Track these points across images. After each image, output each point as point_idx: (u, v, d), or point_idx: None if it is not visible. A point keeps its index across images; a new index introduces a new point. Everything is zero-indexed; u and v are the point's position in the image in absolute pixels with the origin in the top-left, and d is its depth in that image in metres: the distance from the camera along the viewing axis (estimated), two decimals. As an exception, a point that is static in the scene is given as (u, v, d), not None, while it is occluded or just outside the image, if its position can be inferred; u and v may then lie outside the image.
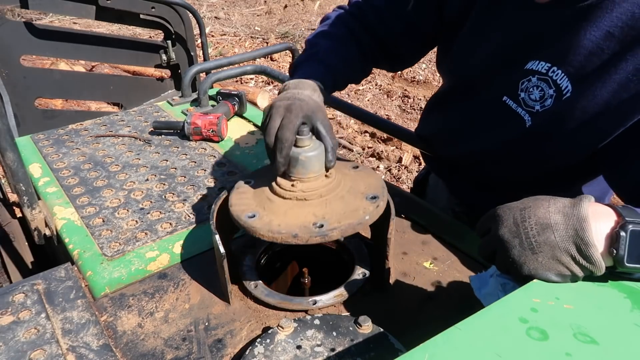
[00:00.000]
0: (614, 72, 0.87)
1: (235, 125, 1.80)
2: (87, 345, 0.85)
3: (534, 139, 1.01)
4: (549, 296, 0.67)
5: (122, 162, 1.52)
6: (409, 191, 1.61)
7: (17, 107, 2.70)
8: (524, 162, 1.08)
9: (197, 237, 1.17)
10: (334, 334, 0.84)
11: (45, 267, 1.04)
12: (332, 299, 0.96)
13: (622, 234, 0.67)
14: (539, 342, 0.58)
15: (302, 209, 0.90)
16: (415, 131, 1.48)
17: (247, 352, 0.81)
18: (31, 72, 2.87)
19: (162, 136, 1.69)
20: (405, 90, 5.10)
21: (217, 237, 0.91)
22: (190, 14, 3.06)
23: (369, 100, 4.94)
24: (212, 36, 6.86)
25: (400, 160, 3.84)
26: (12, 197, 2.08)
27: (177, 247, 1.14)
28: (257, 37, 6.93)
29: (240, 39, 6.85)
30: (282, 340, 0.83)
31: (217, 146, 1.63)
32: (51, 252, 1.46)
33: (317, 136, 0.96)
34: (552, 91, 0.95)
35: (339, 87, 1.19)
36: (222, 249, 0.90)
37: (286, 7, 8.39)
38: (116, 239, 1.16)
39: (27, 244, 1.45)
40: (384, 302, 0.98)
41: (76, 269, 1.06)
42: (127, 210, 1.28)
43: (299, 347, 0.81)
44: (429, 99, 1.35)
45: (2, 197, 1.87)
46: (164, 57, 3.18)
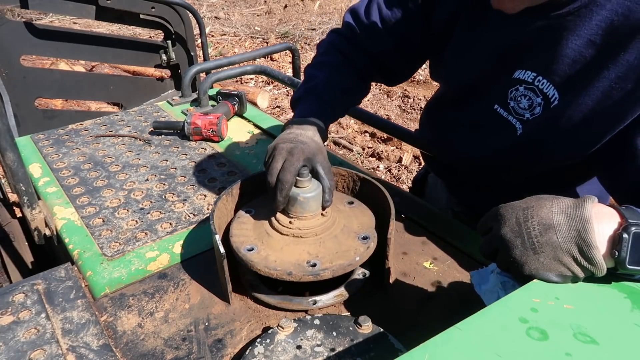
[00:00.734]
0: (597, 80, 0.87)
1: (235, 125, 1.80)
2: (87, 345, 0.85)
3: (527, 146, 1.03)
4: (549, 296, 0.67)
5: (122, 162, 1.52)
6: (408, 191, 1.61)
7: (17, 107, 2.70)
8: (518, 167, 1.09)
9: (197, 237, 1.17)
10: (334, 334, 0.84)
11: (45, 267, 1.04)
12: (332, 299, 0.97)
13: (625, 236, 0.67)
14: (539, 342, 0.58)
15: (297, 246, 0.96)
16: (415, 132, 1.48)
17: (247, 352, 0.81)
18: (31, 72, 2.87)
19: (162, 136, 1.69)
20: (405, 90, 5.10)
21: (217, 237, 0.91)
22: (190, 14, 3.06)
23: (369, 100, 4.94)
24: (212, 36, 6.86)
25: (400, 160, 3.84)
26: (12, 197, 2.08)
27: (177, 247, 1.14)
28: (257, 37, 6.94)
29: (240, 39, 6.86)
30: (282, 340, 0.83)
31: (217, 146, 1.63)
32: (51, 252, 1.46)
33: (315, 177, 1.01)
34: (539, 99, 0.97)
35: (339, 117, 1.25)
36: (222, 249, 0.90)
37: (286, 7, 8.39)
38: (116, 239, 1.16)
39: (27, 244, 1.45)
40: (384, 302, 0.98)
41: (76, 269, 1.06)
42: (127, 210, 1.28)
43: (299, 347, 0.81)
44: (426, 104, 1.36)
45: (2, 197, 1.87)
46: (164, 57, 3.18)
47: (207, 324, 0.93)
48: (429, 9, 1.13)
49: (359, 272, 1.02)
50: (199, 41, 3.22)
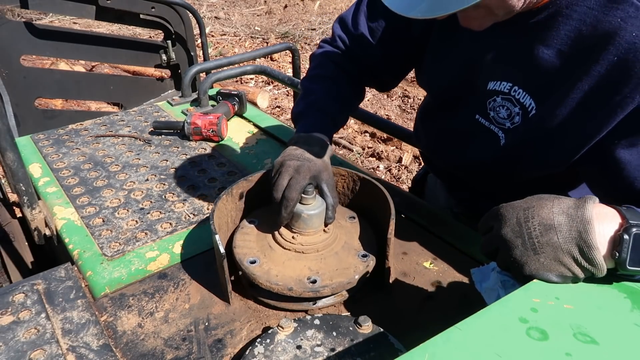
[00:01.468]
0: (572, 92, 0.87)
1: (235, 125, 1.80)
2: (87, 345, 0.85)
3: (511, 154, 1.03)
4: (549, 296, 0.67)
5: (122, 162, 1.52)
6: (408, 191, 1.61)
7: (17, 107, 2.70)
8: (507, 174, 1.10)
9: (197, 237, 1.17)
10: (334, 334, 0.84)
11: (45, 267, 1.04)
12: (332, 299, 0.97)
13: (626, 237, 0.67)
14: (539, 342, 0.58)
15: (299, 261, 0.98)
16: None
17: (247, 352, 0.81)
18: (31, 72, 2.87)
19: (162, 136, 1.69)
20: (405, 90, 5.10)
21: (217, 237, 0.91)
22: (190, 14, 3.06)
23: (369, 100, 4.94)
24: (212, 36, 6.85)
25: (400, 160, 3.84)
26: (12, 197, 2.08)
27: (177, 247, 1.14)
28: (257, 37, 6.93)
29: (240, 39, 6.85)
30: (282, 340, 0.83)
31: (217, 146, 1.63)
32: (51, 252, 1.46)
33: (320, 194, 1.04)
34: (517, 109, 0.97)
35: (341, 127, 1.27)
36: (222, 249, 0.90)
37: (286, 7, 8.39)
38: (116, 239, 1.16)
39: (27, 244, 1.45)
40: (384, 302, 0.98)
41: (76, 269, 1.06)
42: (127, 210, 1.28)
43: (299, 347, 0.81)
44: (417, 109, 1.37)
45: (2, 197, 1.87)
46: (164, 57, 3.17)
47: (207, 324, 0.93)
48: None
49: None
50: (199, 41, 3.22)
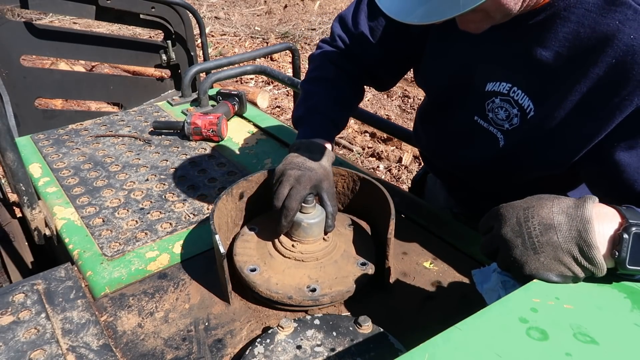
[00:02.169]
0: (570, 94, 0.87)
1: (235, 125, 1.80)
2: (87, 345, 0.85)
3: (510, 156, 1.03)
4: (549, 296, 0.67)
5: (122, 162, 1.52)
6: (408, 191, 1.61)
7: (17, 107, 2.70)
8: (506, 176, 1.09)
9: (197, 237, 1.17)
10: (334, 334, 0.84)
11: (45, 267, 1.04)
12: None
13: (625, 236, 0.67)
14: (539, 342, 0.58)
15: (298, 269, 0.99)
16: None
17: (247, 352, 0.81)
18: (31, 72, 2.87)
19: (162, 136, 1.69)
20: (405, 90, 5.10)
21: (217, 237, 0.91)
22: (190, 14, 3.06)
23: (368, 100, 4.94)
24: (212, 36, 6.85)
25: (400, 160, 3.84)
26: (12, 197, 2.08)
27: (177, 247, 1.14)
28: (257, 37, 6.93)
29: (240, 39, 6.85)
30: (282, 340, 0.83)
31: (217, 146, 1.63)
32: (51, 252, 1.46)
33: (320, 202, 1.05)
34: (516, 110, 0.97)
35: (342, 129, 1.27)
36: (222, 249, 0.90)
37: (286, 7, 8.39)
38: (116, 239, 1.16)
39: (27, 244, 1.45)
40: (384, 302, 0.98)
41: (76, 269, 1.06)
42: (127, 210, 1.28)
43: (299, 347, 0.81)
44: (417, 110, 1.36)
45: (2, 197, 1.87)
46: (164, 57, 3.18)
47: (207, 324, 0.93)
48: None
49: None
50: (199, 41, 3.22)
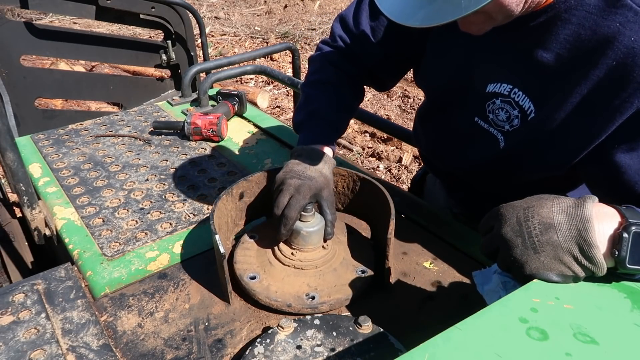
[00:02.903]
0: (571, 96, 0.87)
1: (235, 125, 1.80)
2: (87, 345, 0.85)
3: (510, 156, 1.03)
4: (549, 296, 0.67)
5: (122, 162, 1.52)
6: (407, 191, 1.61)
7: (17, 107, 2.70)
8: (506, 176, 1.09)
9: (197, 237, 1.17)
10: (334, 334, 0.84)
11: (45, 267, 1.04)
12: (332, 299, 0.97)
13: (625, 235, 0.67)
14: (539, 342, 0.58)
15: (298, 277, 0.99)
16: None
17: (247, 352, 0.81)
18: (31, 72, 2.87)
19: (162, 136, 1.69)
20: (405, 90, 5.10)
21: (217, 237, 0.91)
22: (190, 14, 3.06)
23: (369, 100, 4.94)
24: (212, 36, 6.85)
25: (400, 160, 3.84)
26: (12, 197, 2.08)
27: (177, 247, 1.14)
28: (257, 37, 6.93)
29: (240, 39, 6.85)
30: (282, 340, 0.83)
31: (217, 146, 1.63)
32: (51, 252, 1.46)
33: (319, 210, 1.05)
34: (516, 112, 0.97)
35: (343, 133, 1.26)
36: (222, 249, 0.90)
37: (286, 7, 8.39)
38: (116, 239, 1.16)
39: (27, 244, 1.45)
40: (384, 302, 0.98)
41: (76, 269, 1.06)
42: (127, 210, 1.28)
43: (299, 347, 0.81)
44: (417, 110, 1.36)
45: (2, 197, 1.87)
46: (164, 57, 3.17)
47: (207, 324, 0.93)
48: None
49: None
50: (199, 41, 3.22)
